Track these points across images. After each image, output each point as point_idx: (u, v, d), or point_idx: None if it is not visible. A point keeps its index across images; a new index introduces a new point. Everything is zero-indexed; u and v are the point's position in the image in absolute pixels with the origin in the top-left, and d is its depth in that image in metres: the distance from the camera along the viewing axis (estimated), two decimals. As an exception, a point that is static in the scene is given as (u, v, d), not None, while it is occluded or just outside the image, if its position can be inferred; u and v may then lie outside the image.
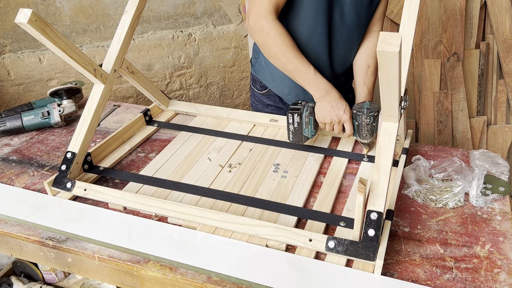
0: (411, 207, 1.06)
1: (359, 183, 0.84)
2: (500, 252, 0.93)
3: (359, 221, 0.90)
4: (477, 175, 1.07)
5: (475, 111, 2.35)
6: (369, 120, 1.15)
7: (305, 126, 1.23)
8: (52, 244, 1.00)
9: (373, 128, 1.17)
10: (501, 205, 1.06)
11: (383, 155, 0.92)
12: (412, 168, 1.14)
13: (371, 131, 1.18)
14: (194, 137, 1.38)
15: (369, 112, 1.14)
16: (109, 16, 2.21)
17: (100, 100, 1.20)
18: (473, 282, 0.86)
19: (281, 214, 1.03)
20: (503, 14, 2.16)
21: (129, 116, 1.56)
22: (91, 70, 1.16)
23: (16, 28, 2.06)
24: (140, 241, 0.97)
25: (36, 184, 1.20)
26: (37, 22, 0.98)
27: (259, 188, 1.13)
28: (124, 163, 1.29)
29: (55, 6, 2.10)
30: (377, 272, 0.86)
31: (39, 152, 1.36)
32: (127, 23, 1.22)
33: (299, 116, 1.22)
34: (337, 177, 1.16)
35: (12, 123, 1.44)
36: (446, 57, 2.25)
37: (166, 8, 2.29)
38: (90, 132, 1.19)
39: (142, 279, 0.94)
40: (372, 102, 1.18)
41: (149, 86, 1.42)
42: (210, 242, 0.95)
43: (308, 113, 1.22)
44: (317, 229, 0.98)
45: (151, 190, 1.14)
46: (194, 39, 2.39)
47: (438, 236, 0.97)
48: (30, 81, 2.15)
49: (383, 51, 0.70)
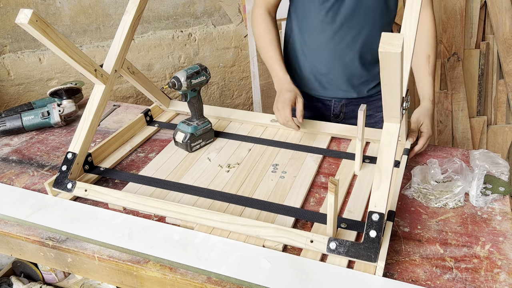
0: (411, 207, 1.06)
1: (329, 183, 0.85)
2: (500, 252, 0.93)
3: (331, 221, 0.90)
4: (477, 175, 1.07)
5: (475, 111, 2.35)
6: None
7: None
8: (52, 244, 1.00)
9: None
10: (501, 205, 1.06)
11: (384, 156, 0.92)
12: (421, 170, 1.14)
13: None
14: (194, 137, 1.38)
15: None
16: (109, 16, 2.21)
17: (100, 101, 1.20)
18: (473, 282, 0.86)
19: (279, 215, 1.03)
20: (503, 14, 2.16)
21: (129, 116, 1.56)
22: (91, 70, 1.15)
23: (16, 28, 2.05)
24: (140, 242, 0.96)
25: (36, 184, 1.20)
26: (37, 22, 0.98)
27: (257, 188, 1.13)
28: (124, 163, 1.29)
29: (55, 6, 2.09)
30: (379, 273, 0.86)
31: (39, 152, 1.36)
32: (128, 23, 1.22)
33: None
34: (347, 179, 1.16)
35: (12, 123, 1.44)
36: (446, 57, 2.25)
37: (166, 8, 2.29)
38: (90, 133, 1.18)
39: (142, 279, 0.94)
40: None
41: (150, 86, 1.42)
42: (210, 243, 0.95)
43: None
44: (323, 232, 0.98)
45: (150, 191, 1.14)
46: (194, 39, 2.38)
47: (438, 236, 0.98)
48: (30, 81, 2.15)
49: (385, 52, 0.70)
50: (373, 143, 1.31)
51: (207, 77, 1.27)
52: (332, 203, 0.87)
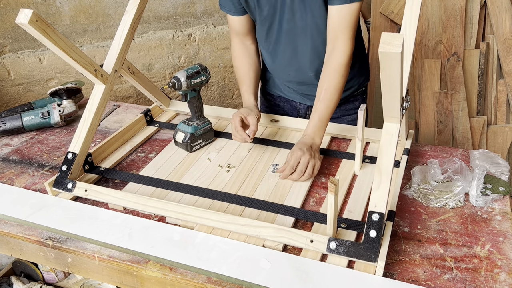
0: (411, 207, 1.06)
1: (329, 183, 0.85)
2: (500, 252, 0.93)
3: (331, 221, 0.90)
4: (477, 175, 1.08)
5: (475, 111, 2.35)
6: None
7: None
8: (52, 244, 1.00)
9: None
10: (501, 205, 1.06)
11: (384, 156, 0.92)
12: (421, 170, 1.14)
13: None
14: (194, 137, 1.38)
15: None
16: (109, 16, 2.21)
17: (101, 101, 1.20)
18: (473, 282, 0.86)
19: (279, 215, 1.04)
20: (503, 14, 2.16)
21: (129, 116, 1.56)
22: (91, 70, 1.15)
23: (16, 28, 2.05)
24: (140, 242, 0.96)
25: (36, 184, 1.20)
26: (37, 22, 0.98)
27: (257, 188, 1.13)
28: (124, 163, 1.29)
29: (55, 6, 2.09)
30: (379, 273, 0.86)
31: (39, 152, 1.36)
32: (128, 23, 1.22)
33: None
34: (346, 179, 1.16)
35: (12, 123, 1.44)
36: (446, 57, 2.25)
37: (166, 8, 2.29)
38: (90, 133, 1.18)
39: (142, 279, 0.94)
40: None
41: (150, 87, 1.42)
42: (210, 243, 0.95)
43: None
44: (323, 232, 0.98)
45: (150, 191, 1.14)
46: (194, 39, 2.38)
47: (438, 236, 0.98)
48: (30, 81, 2.15)
49: (385, 52, 0.70)
50: (373, 143, 1.31)
51: (207, 77, 1.27)
52: (332, 203, 0.87)
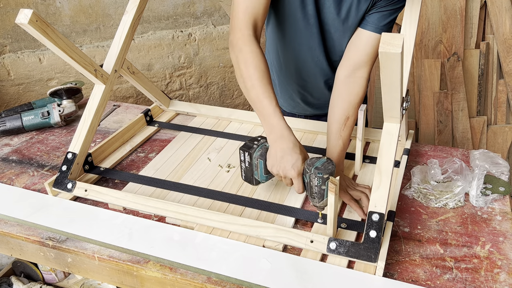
0: (411, 207, 1.06)
1: (329, 183, 0.85)
2: (500, 252, 0.93)
3: (331, 221, 0.90)
4: (477, 175, 1.08)
5: (475, 111, 2.35)
6: (317, 181, 0.92)
7: (255, 168, 1.04)
8: (52, 244, 1.00)
9: (323, 192, 0.93)
10: (501, 205, 1.06)
11: (384, 156, 0.92)
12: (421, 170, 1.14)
13: (320, 194, 0.94)
14: (194, 137, 1.38)
15: (317, 173, 0.91)
16: (109, 16, 2.21)
17: (100, 101, 1.20)
18: (473, 282, 0.86)
19: (279, 215, 1.04)
20: (503, 14, 2.16)
21: (129, 116, 1.56)
22: (91, 70, 1.15)
23: (16, 28, 2.05)
24: (140, 242, 0.96)
25: (36, 184, 1.20)
26: (37, 22, 0.98)
27: (257, 188, 1.13)
28: (124, 163, 1.29)
29: (55, 6, 2.09)
30: (379, 273, 0.86)
31: (39, 152, 1.36)
32: (128, 23, 1.22)
33: (250, 156, 1.04)
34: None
35: (12, 123, 1.44)
36: (446, 57, 2.25)
37: (166, 8, 2.29)
38: (90, 133, 1.18)
39: (142, 279, 0.94)
40: (329, 160, 0.94)
41: (150, 87, 1.42)
42: (210, 243, 0.95)
43: (259, 154, 1.03)
44: (323, 232, 0.98)
45: (150, 191, 1.14)
46: (194, 39, 2.38)
47: (438, 236, 0.98)
48: (30, 81, 2.15)
49: (385, 52, 0.70)
50: (373, 143, 1.31)
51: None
52: (332, 203, 0.87)
